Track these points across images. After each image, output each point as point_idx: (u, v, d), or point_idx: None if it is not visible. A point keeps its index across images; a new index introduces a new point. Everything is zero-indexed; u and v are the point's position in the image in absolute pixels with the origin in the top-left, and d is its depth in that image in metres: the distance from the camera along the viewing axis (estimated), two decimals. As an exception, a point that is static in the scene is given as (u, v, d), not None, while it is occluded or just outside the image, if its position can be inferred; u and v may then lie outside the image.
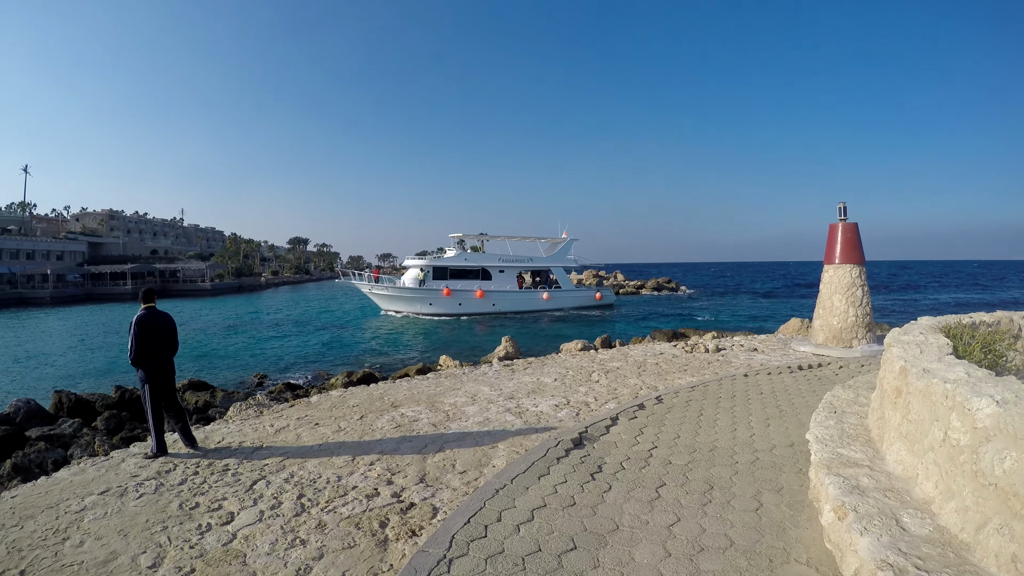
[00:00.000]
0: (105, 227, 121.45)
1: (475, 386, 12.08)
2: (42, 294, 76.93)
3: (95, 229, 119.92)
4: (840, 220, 15.56)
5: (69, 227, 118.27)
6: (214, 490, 6.66)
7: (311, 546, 5.18)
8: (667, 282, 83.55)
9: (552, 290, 49.81)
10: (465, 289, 45.37)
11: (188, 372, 24.12)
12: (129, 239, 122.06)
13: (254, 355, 30.39)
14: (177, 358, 8.77)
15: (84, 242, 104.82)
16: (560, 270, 51.30)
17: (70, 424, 13.82)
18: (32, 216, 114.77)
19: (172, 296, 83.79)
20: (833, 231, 15.58)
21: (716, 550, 4.62)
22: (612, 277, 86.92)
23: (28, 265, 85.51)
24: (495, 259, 48.02)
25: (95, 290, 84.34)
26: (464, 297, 45.29)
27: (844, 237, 15.29)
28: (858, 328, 14.63)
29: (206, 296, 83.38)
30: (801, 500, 5.47)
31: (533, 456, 7.05)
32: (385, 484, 6.66)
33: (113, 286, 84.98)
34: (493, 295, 46.43)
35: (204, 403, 16.47)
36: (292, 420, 9.82)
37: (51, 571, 4.90)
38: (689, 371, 12.91)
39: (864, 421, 5.87)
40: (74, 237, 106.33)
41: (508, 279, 47.90)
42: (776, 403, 9.46)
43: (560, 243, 52.55)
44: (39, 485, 7.13)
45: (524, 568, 4.47)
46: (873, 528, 3.69)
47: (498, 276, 47.19)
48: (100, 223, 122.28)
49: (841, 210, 15.57)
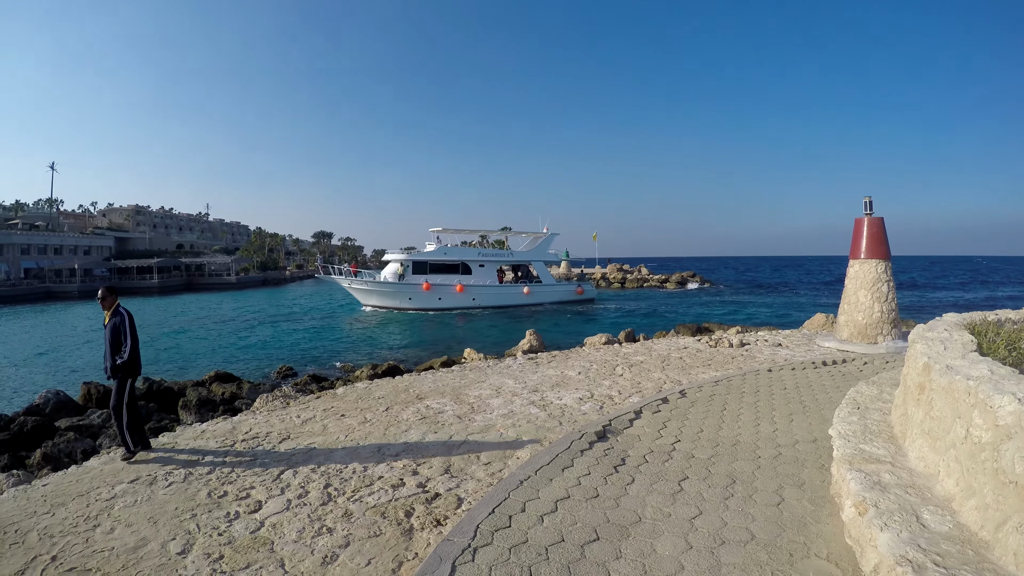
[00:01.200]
0: (131, 222, 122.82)
1: (499, 379, 12.16)
2: (70, 288, 77.87)
3: (122, 224, 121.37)
4: (866, 215, 15.42)
5: (96, 223, 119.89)
6: (242, 479, 6.79)
7: (337, 534, 5.28)
8: (691, 276, 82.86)
9: (532, 284, 49.63)
10: (445, 284, 45.25)
11: (214, 365, 24.41)
12: (155, 234, 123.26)
13: (279, 347, 30.64)
14: (204, 350, 8.86)
15: (111, 237, 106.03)
16: (540, 265, 51.18)
17: (99, 415, 14.07)
18: (59, 212, 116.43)
19: (198, 290, 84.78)
20: (859, 226, 15.45)
21: (737, 543, 4.66)
22: (636, 271, 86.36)
23: (56, 260, 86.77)
24: (475, 253, 47.95)
25: (122, 284, 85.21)
26: (444, 292, 45.15)
27: (870, 232, 15.16)
28: (883, 324, 14.52)
29: (231, 289, 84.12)
30: (823, 495, 5.49)
31: (557, 448, 7.12)
32: (410, 474, 6.77)
33: (140, 280, 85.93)
34: (473, 289, 46.34)
35: (231, 395, 16.65)
36: (318, 411, 9.95)
37: (82, 557, 5.03)
38: (713, 366, 12.89)
39: (887, 417, 5.87)
40: (101, 232, 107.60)
41: (488, 273, 47.78)
42: (800, 398, 9.44)
43: (541, 238, 52.37)
44: (70, 474, 7.29)
45: (547, 558, 4.53)
46: (893, 524, 3.71)
47: (478, 271, 47.08)
48: (127, 218, 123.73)
49: (867, 204, 15.43)
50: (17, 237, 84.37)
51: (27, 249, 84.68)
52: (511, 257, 50.72)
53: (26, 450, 11.95)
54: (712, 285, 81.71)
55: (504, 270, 50.28)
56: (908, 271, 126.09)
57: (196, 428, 9.30)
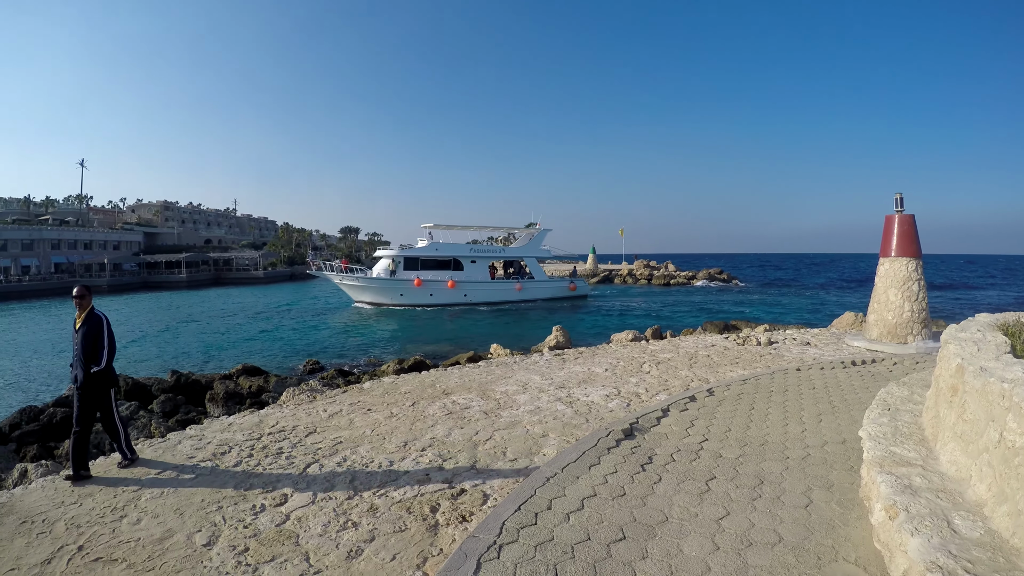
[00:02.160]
0: (160, 218, 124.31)
1: (526, 375, 12.20)
2: (99, 282, 79.02)
3: (150, 220, 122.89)
4: (896, 211, 15.22)
5: (125, 218, 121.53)
6: (268, 472, 6.88)
7: (363, 529, 5.33)
8: (719, 273, 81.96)
9: (524, 281, 49.36)
10: (436, 280, 44.98)
11: (241, 358, 24.65)
12: (184, 229, 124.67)
13: (306, 341, 30.85)
14: (231, 343, 8.84)
15: (140, 232, 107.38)
16: (532, 261, 50.80)
17: (127, 407, 14.24)
18: (89, 208, 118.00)
19: (226, 284, 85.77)
20: (889, 223, 15.26)
21: (764, 545, 4.64)
22: (663, 267, 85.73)
23: (86, 255, 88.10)
24: (467, 249, 47.63)
25: (151, 279, 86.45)
26: (435, 288, 44.89)
27: (900, 229, 14.98)
28: (913, 324, 14.33)
29: (259, 284, 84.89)
30: (851, 498, 5.44)
31: (584, 445, 7.12)
32: (436, 470, 6.81)
33: (168, 275, 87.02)
34: (464, 285, 46.04)
35: (258, 388, 16.79)
36: (345, 405, 10.03)
37: (108, 547, 5.12)
38: (741, 364, 12.84)
39: (918, 419, 5.81)
40: (130, 228, 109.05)
41: (480, 270, 47.46)
42: (828, 398, 9.36)
43: (533, 233, 52.07)
44: (97, 465, 7.39)
45: (573, 556, 4.53)
46: (924, 529, 3.67)
47: (470, 267, 46.76)
48: (155, 214, 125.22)
49: (897, 201, 15.23)
50: (47, 232, 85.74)
51: (57, 244, 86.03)
52: (503, 253, 50.63)
53: (55, 441, 12.17)
54: (740, 282, 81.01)
55: (495, 266, 50.05)
56: (940, 270, 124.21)
57: (223, 421, 9.41)
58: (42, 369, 25.06)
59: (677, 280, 76.24)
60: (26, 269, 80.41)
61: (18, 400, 18.82)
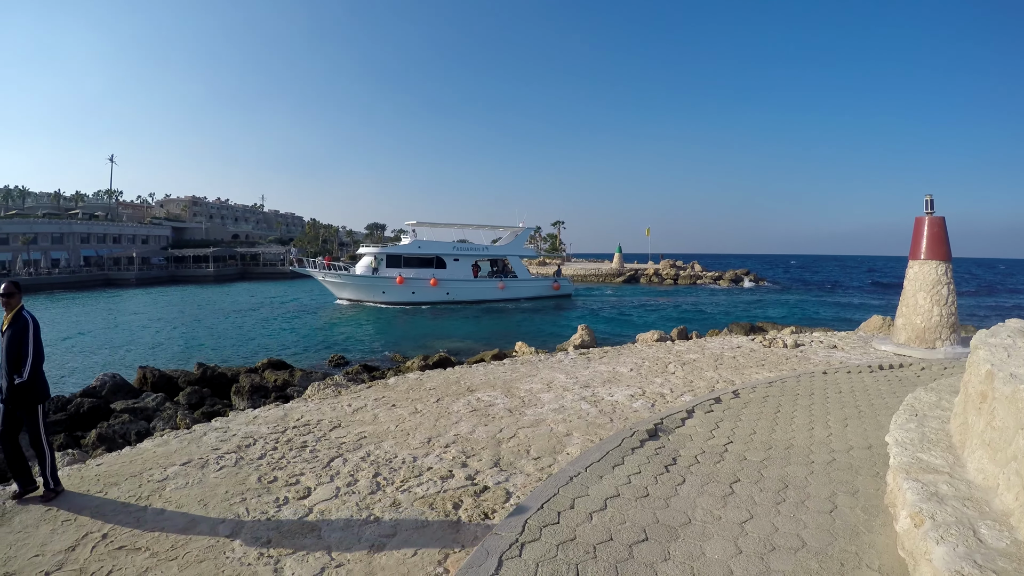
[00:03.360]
0: (188, 213, 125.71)
1: (551, 373, 12.22)
2: (128, 276, 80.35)
3: (178, 215, 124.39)
4: (926, 213, 15.01)
5: (154, 213, 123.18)
6: (292, 465, 6.95)
7: (385, 523, 5.38)
8: (745, 274, 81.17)
9: (508, 279, 49.25)
10: (419, 277, 44.89)
11: (267, 352, 24.91)
12: (211, 224, 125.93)
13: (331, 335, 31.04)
14: (254, 336, 8.84)
15: (168, 227, 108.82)
16: (516, 259, 50.69)
17: (153, 398, 14.47)
18: (118, 203, 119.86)
19: (253, 279, 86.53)
20: (919, 225, 15.06)
21: (788, 550, 4.62)
22: (689, 267, 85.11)
23: (115, 248, 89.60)
24: (450, 247, 47.52)
25: (178, 272, 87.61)
26: (417, 285, 44.81)
27: (930, 232, 14.77)
28: (942, 328, 14.14)
29: (286, 279, 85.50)
30: (876, 504, 5.40)
31: (608, 445, 7.12)
32: (460, 466, 6.85)
33: (196, 269, 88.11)
34: (447, 284, 45.97)
35: (283, 382, 16.95)
36: (369, 401, 10.11)
37: (132, 536, 5.22)
38: (767, 366, 12.75)
39: (946, 426, 5.75)
40: (158, 222, 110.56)
41: (463, 268, 47.42)
42: (855, 403, 9.27)
43: (517, 232, 51.99)
44: (123, 455, 7.53)
45: (595, 556, 4.54)
46: (949, 537, 3.64)
47: (452, 265, 46.70)
48: (183, 209, 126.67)
49: (928, 203, 15.03)
50: (77, 226, 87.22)
51: (87, 238, 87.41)
52: (486, 252, 50.57)
53: (82, 430, 12.43)
54: (767, 283, 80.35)
55: (479, 264, 49.86)
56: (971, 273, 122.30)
57: (248, 414, 9.52)
58: (70, 360, 25.46)
59: (703, 280, 75.75)
60: (56, 262, 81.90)
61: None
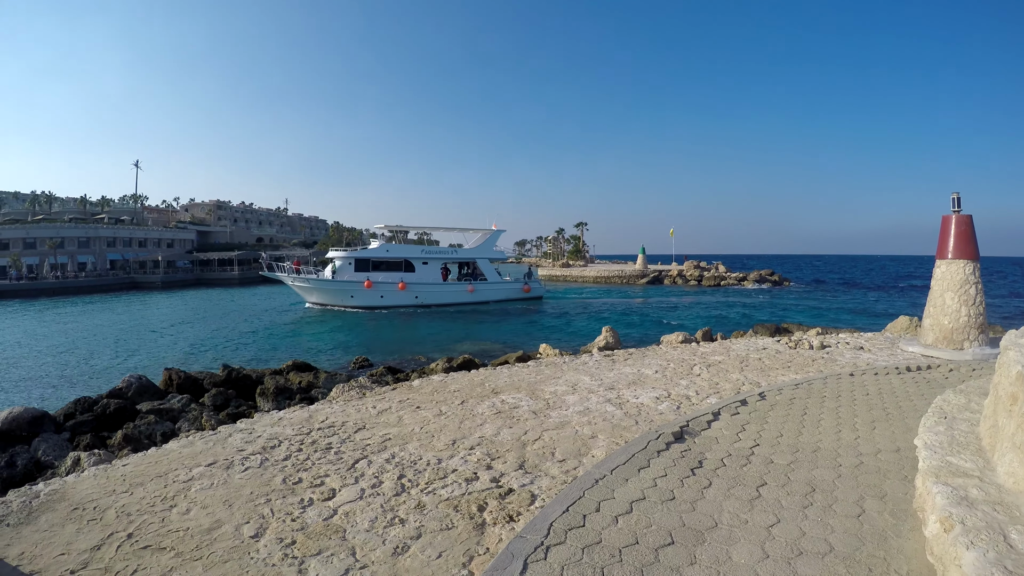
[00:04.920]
0: (213, 216, 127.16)
1: (575, 375, 12.21)
2: (153, 279, 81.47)
3: (203, 219, 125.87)
4: (953, 212, 14.80)
5: (179, 217, 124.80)
6: (317, 467, 7.02)
7: (409, 525, 5.40)
8: (770, 274, 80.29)
9: (477, 282, 48.97)
10: (387, 281, 44.83)
11: (291, 354, 25.07)
12: (235, 228, 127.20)
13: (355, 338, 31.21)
14: (280, 339, 8.87)
15: (193, 231, 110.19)
16: (485, 262, 50.35)
17: (179, 399, 14.69)
18: (144, 207, 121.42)
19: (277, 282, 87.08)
20: (946, 224, 14.86)
21: (815, 555, 4.60)
22: (713, 268, 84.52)
23: (140, 252, 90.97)
24: (418, 250, 47.41)
25: (203, 276, 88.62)
26: (386, 289, 44.74)
27: (957, 230, 14.57)
28: (970, 329, 13.94)
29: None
30: (905, 509, 5.36)
31: (633, 448, 7.10)
32: (484, 469, 6.87)
33: (220, 272, 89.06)
34: (415, 287, 45.84)
35: (307, 384, 17.09)
36: (394, 403, 10.18)
37: (157, 535, 5.29)
38: (793, 368, 12.66)
39: (975, 429, 5.69)
40: (183, 226, 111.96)
41: (431, 271, 47.23)
42: (882, 405, 9.19)
43: (487, 235, 51.77)
44: (149, 455, 7.66)
45: (621, 560, 4.53)
46: (980, 543, 3.60)
47: (421, 268, 46.54)
48: (208, 213, 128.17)
49: (955, 201, 14.82)
50: (103, 230, 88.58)
51: (113, 242, 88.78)
52: (455, 255, 50.49)
53: (108, 431, 12.62)
54: (791, 284, 79.72)
55: (448, 267, 49.73)
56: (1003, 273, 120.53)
57: (273, 415, 9.63)
58: (98, 361, 25.86)
59: (728, 281, 75.24)
60: (82, 266, 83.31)
61: (74, 391, 19.47)
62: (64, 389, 20.49)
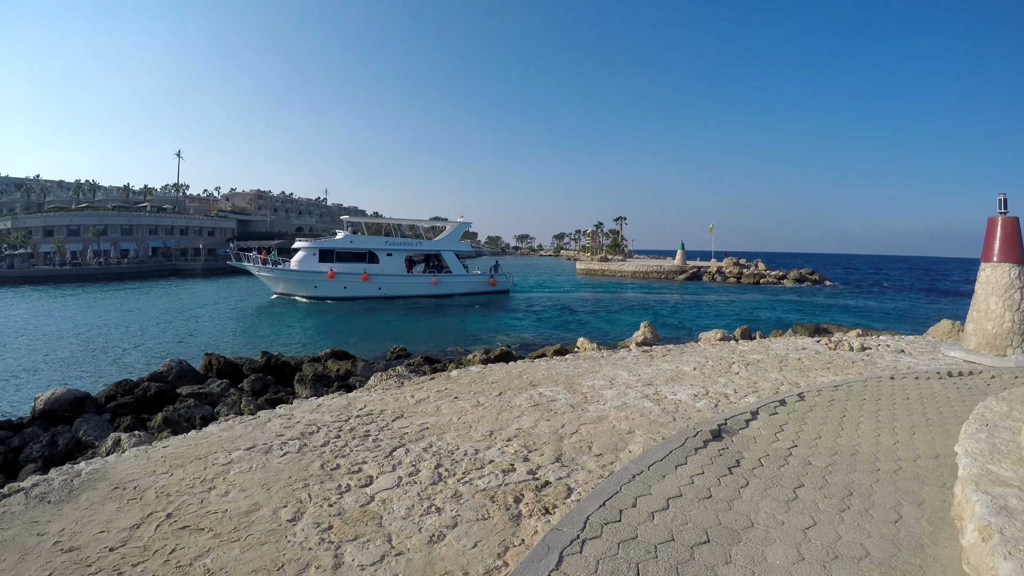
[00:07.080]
0: (253, 206, 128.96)
1: (613, 370, 12.22)
2: (194, 266, 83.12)
3: (244, 208, 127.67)
4: (1000, 213, 14.48)
5: (220, 206, 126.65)
6: (355, 454, 7.14)
7: (446, 514, 5.47)
8: (809, 273, 78.91)
9: (441, 275, 48.85)
10: (350, 272, 44.95)
11: (329, 342, 25.50)
12: (275, 217, 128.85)
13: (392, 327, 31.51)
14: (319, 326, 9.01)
15: (234, 220, 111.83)
16: (451, 254, 50.20)
17: (218, 384, 14.99)
18: (185, 196, 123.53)
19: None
20: (992, 225, 14.54)
21: (850, 559, 4.59)
22: (753, 266, 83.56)
23: (182, 240, 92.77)
24: (382, 242, 47.60)
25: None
26: (349, 280, 44.91)
27: (1003, 233, 14.25)
28: (1013, 335, 13.64)
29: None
30: (942, 516, 5.33)
31: (671, 444, 7.13)
32: (521, 460, 6.93)
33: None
34: (379, 279, 45.97)
35: (345, 372, 17.33)
36: (432, 392, 10.31)
37: (196, 516, 5.45)
38: (832, 369, 12.53)
39: (1017, 437, 5.64)
40: (224, 215, 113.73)
41: (396, 263, 47.38)
42: (923, 410, 9.08)
43: (453, 227, 51.68)
44: (189, 438, 7.90)
45: (656, 556, 4.55)
46: (1018, 553, 3.60)
47: (385, 259, 46.70)
48: (248, 202, 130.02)
49: (1001, 202, 14.47)
50: (145, 219, 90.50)
51: (155, 230, 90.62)
52: (419, 246, 50.42)
53: (148, 413, 12.96)
54: (831, 283, 78.62)
55: (414, 260, 49.79)
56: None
57: (312, 402, 9.80)
58: (139, 345, 26.43)
59: (767, 279, 74.35)
60: (125, 252, 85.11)
61: (116, 373, 19.95)
62: (107, 371, 21.03)
